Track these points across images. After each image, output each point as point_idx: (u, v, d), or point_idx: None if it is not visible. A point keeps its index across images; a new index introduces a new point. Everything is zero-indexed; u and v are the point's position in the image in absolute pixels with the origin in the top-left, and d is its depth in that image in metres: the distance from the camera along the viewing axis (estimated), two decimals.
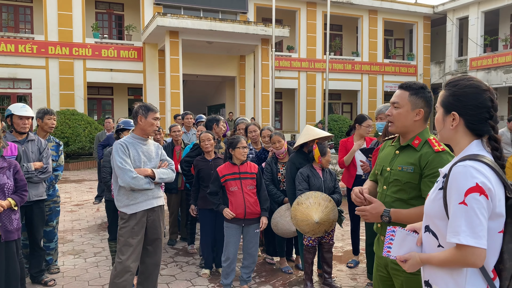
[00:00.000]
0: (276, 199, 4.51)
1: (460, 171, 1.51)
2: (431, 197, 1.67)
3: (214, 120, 5.07)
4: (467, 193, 1.47)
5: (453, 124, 1.66)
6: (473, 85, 1.64)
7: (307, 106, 19.81)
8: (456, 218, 1.49)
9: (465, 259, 1.48)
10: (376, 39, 20.99)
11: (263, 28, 15.39)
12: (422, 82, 2.37)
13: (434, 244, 1.66)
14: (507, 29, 19.79)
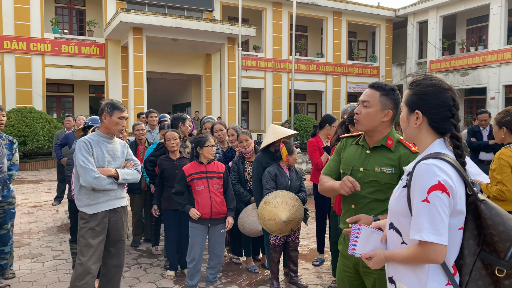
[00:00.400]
0: (243, 198, 4.48)
1: (423, 169, 1.53)
2: (396, 195, 1.69)
3: (180, 118, 4.97)
4: (430, 191, 1.49)
5: (416, 123, 1.68)
6: (435, 84, 1.67)
7: (273, 106, 19.91)
8: (419, 215, 1.51)
9: (427, 256, 1.50)
10: (340, 41, 21.37)
11: (230, 27, 15.33)
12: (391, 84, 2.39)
13: (398, 241, 1.68)
14: (463, 33, 20.63)
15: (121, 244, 3.57)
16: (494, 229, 1.50)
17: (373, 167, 2.31)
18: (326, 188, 2.46)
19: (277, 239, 4.10)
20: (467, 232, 1.56)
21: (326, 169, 2.56)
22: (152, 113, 6.76)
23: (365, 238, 1.78)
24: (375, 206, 2.28)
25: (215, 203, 3.95)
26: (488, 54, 18.10)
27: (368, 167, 2.32)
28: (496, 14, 17.69)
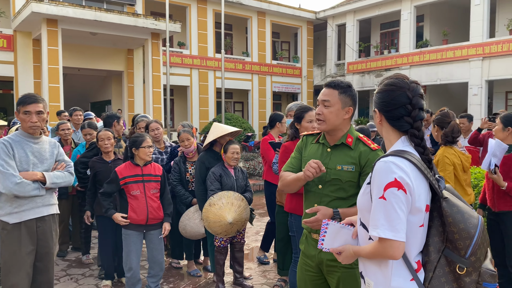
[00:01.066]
0: (184, 200, 4.30)
1: (381, 167, 1.57)
2: (361, 192, 1.73)
3: (114, 117, 4.65)
4: (386, 188, 1.52)
5: (377, 121, 1.74)
6: (392, 83, 1.70)
7: (200, 104, 19.63)
8: (375, 212, 1.55)
9: (384, 251, 1.53)
10: (265, 41, 21.67)
11: (154, 22, 14.78)
12: (346, 81, 2.39)
13: (366, 237, 1.71)
14: (377, 37, 22.02)
15: (50, 257, 3.19)
16: (455, 226, 1.54)
17: (334, 165, 2.31)
18: (289, 181, 2.41)
19: (222, 241, 3.99)
20: (433, 229, 1.60)
21: (288, 166, 2.52)
22: (77, 111, 6.25)
23: (334, 233, 1.79)
24: (338, 204, 2.29)
25: (152, 209, 3.69)
26: (400, 57, 19.51)
27: (329, 166, 2.32)
28: (406, 20, 19.12)
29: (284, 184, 2.46)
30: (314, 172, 2.17)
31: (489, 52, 16.33)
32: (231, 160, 4.03)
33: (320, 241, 1.83)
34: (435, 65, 18.21)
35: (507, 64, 15.86)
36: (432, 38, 19.38)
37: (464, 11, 18.18)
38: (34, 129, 3.01)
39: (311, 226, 2.24)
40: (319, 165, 2.17)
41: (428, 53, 18.46)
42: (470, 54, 16.91)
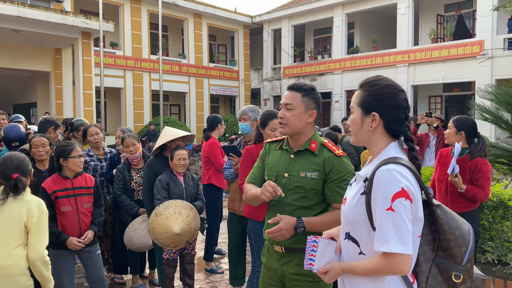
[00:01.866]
0: (130, 210, 4.04)
1: (385, 176, 1.46)
2: (352, 203, 1.60)
3: (52, 122, 4.24)
4: (394, 198, 1.43)
5: (372, 125, 1.60)
6: (392, 85, 1.62)
7: (135, 107, 18.90)
8: (384, 225, 1.43)
9: (393, 267, 1.43)
10: (201, 43, 21.42)
11: (84, 20, 13.98)
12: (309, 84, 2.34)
13: (355, 251, 1.60)
14: (311, 42, 22.67)
15: None
16: (450, 234, 1.50)
17: (297, 172, 2.23)
18: (250, 197, 2.32)
19: (172, 253, 3.79)
20: (422, 238, 1.53)
21: (250, 176, 2.43)
22: (1, 114, 5.66)
23: (322, 250, 1.65)
24: (301, 213, 2.20)
25: (85, 226, 3.37)
26: (333, 62, 20.23)
27: (292, 172, 2.24)
28: (338, 27, 19.88)
29: (246, 198, 2.39)
30: (270, 196, 2.07)
31: (414, 59, 17.45)
32: (177, 167, 3.83)
33: (308, 261, 1.65)
34: (365, 71, 19.07)
35: (430, 71, 17.04)
36: (362, 44, 20.32)
37: (391, 20, 19.29)
38: None
39: (274, 237, 2.14)
40: (275, 189, 2.06)
41: (359, 59, 19.33)
42: (397, 61, 17.95)
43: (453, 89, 18.61)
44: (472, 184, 3.49)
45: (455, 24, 17.61)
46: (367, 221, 1.53)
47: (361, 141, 1.67)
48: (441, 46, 16.84)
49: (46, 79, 16.78)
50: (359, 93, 1.65)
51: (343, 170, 2.19)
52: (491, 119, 4.89)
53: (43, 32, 13.61)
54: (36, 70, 15.97)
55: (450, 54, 16.44)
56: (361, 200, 1.55)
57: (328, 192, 2.20)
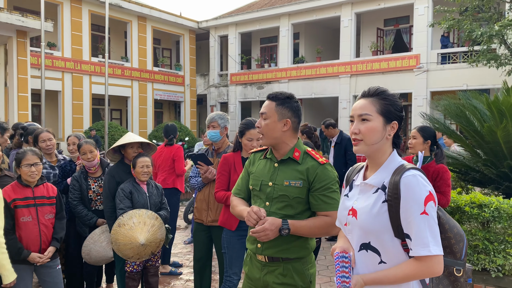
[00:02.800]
0: (87, 221, 3.76)
1: (413, 181, 1.49)
2: (373, 211, 1.56)
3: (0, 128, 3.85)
4: (426, 202, 1.47)
5: (390, 134, 1.62)
6: (398, 96, 1.68)
7: (73, 111, 17.93)
8: (421, 229, 1.46)
9: (431, 269, 1.46)
10: (146, 46, 20.87)
11: (20, 18, 13.06)
12: (288, 92, 2.31)
13: (374, 261, 1.58)
14: (258, 50, 22.92)
15: None
16: (451, 232, 1.60)
17: (281, 181, 2.19)
18: (236, 213, 2.32)
19: (135, 265, 3.58)
20: None
21: (236, 188, 2.40)
22: None
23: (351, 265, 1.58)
24: None
25: (45, 238, 3.14)
26: (279, 71, 20.57)
27: (276, 181, 2.20)
28: (284, 36, 20.27)
29: (233, 212, 2.38)
30: (254, 223, 2.07)
31: (356, 70, 18.20)
32: (140, 175, 3.64)
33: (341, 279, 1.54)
34: (310, 80, 19.61)
35: (371, 82, 17.84)
36: (307, 55, 20.88)
37: (335, 32, 20.02)
38: None
39: (257, 236, 2.07)
40: (259, 215, 2.06)
41: (304, 68, 19.82)
42: (340, 71, 18.63)
43: None
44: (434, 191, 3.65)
45: (393, 38, 18.64)
46: (389, 228, 1.53)
47: (373, 150, 1.62)
48: (380, 59, 17.73)
49: None
50: (376, 101, 1.62)
51: (327, 178, 2.18)
52: (442, 129, 5.18)
53: None
54: None
55: (389, 67, 17.35)
56: (383, 208, 1.54)
57: (312, 200, 2.18)
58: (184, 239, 6.39)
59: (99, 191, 3.87)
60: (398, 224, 1.50)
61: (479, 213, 3.77)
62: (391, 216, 1.52)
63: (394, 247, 1.53)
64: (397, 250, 1.53)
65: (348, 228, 1.67)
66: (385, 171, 1.59)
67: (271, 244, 2.16)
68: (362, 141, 1.61)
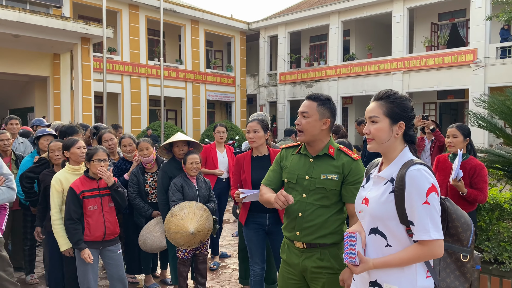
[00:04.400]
0: (144, 213, 4.18)
1: (417, 175, 1.69)
2: (381, 200, 1.78)
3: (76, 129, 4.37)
4: (428, 193, 1.66)
5: (398, 133, 1.82)
6: (408, 98, 1.87)
7: (132, 112, 19.01)
8: (422, 217, 1.66)
9: (432, 252, 1.67)
10: (198, 49, 21.61)
11: (84, 26, 14.10)
12: (326, 94, 2.53)
13: (382, 244, 1.80)
14: (307, 49, 22.97)
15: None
16: (458, 221, 1.77)
17: (318, 174, 2.41)
18: (264, 200, 2.53)
19: (186, 252, 3.94)
20: None
21: (267, 179, 2.62)
22: (12, 119, 5.79)
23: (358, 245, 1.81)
24: (321, 212, 2.39)
25: (109, 224, 3.55)
26: (329, 69, 20.51)
27: (313, 175, 2.42)
28: (334, 34, 20.18)
29: (261, 200, 2.58)
30: (282, 205, 2.25)
31: (408, 67, 17.77)
32: (190, 170, 4.00)
33: (349, 255, 1.77)
34: (360, 77, 19.39)
35: (424, 78, 17.37)
36: (358, 52, 20.64)
37: (386, 28, 19.63)
38: None
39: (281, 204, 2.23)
40: (287, 198, 2.23)
41: (355, 65, 19.63)
42: (392, 68, 18.26)
43: (447, 96, 18.96)
44: (471, 187, 3.69)
45: (448, 33, 17.99)
46: (395, 216, 1.73)
47: (384, 147, 1.86)
48: (435, 54, 17.19)
49: (44, 83, 16.84)
50: (383, 104, 1.84)
51: (359, 173, 2.42)
52: (487, 126, 5.10)
53: (43, 37, 13.71)
54: (34, 74, 16.04)
55: (444, 62, 16.78)
56: (390, 198, 1.76)
57: (344, 192, 2.41)
58: (232, 232, 6.74)
59: (154, 185, 4.27)
60: (403, 212, 1.71)
61: None
62: (397, 205, 1.72)
63: (399, 233, 1.74)
64: (402, 235, 1.74)
65: (361, 215, 1.89)
66: (395, 166, 1.80)
67: (309, 232, 2.39)
68: (373, 140, 1.84)
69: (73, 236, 3.43)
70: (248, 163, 3.56)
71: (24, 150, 5.56)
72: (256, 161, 3.56)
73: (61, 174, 3.67)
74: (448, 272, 1.76)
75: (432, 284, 1.75)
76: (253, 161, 3.57)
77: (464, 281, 1.78)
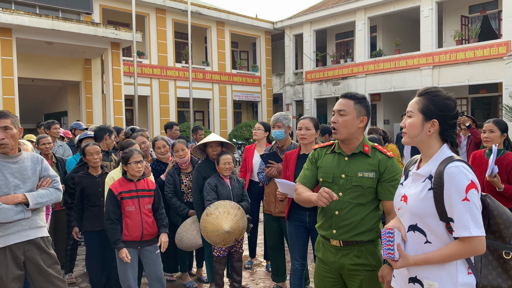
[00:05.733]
0: (180, 212, 4.29)
1: (455, 172, 1.69)
2: (419, 197, 1.79)
3: (106, 130, 4.54)
4: (467, 190, 1.66)
5: (430, 130, 1.82)
6: (450, 97, 1.85)
7: (161, 114, 19.37)
8: (462, 214, 1.66)
9: (474, 249, 1.66)
10: (224, 50, 21.78)
11: (114, 31, 14.49)
12: (361, 93, 2.54)
13: (421, 241, 1.80)
14: (333, 46, 22.78)
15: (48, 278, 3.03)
16: (500, 218, 1.75)
17: (355, 173, 2.42)
18: (303, 199, 2.51)
19: (221, 251, 4.02)
20: None
21: (303, 178, 2.62)
22: (55, 124, 6.05)
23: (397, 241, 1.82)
24: (358, 210, 2.40)
25: (147, 225, 3.64)
26: (356, 66, 20.28)
27: (349, 173, 2.43)
28: (361, 30, 19.94)
29: (297, 199, 2.58)
30: (326, 202, 2.24)
31: (438, 61, 17.37)
32: (223, 170, 4.07)
33: (387, 251, 1.80)
34: (389, 74, 19.08)
35: (455, 73, 16.94)
36: (385, 48, 20.32)
37: (414, 23, 19.25)
38: (2, 147, 2.83)
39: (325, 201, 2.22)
40: (331, 195, 2.23)
41: (382, 62, 19.33)
42: (421, 63, 17.89)
43: (479, 90, 18.42)
44: (509, 183, 3.61)
45: (480, 25, 17.47)
46: (435, 213, 1.74)
47: (416, 143, 1.88)
48: (466, 48, 16.74)
49: (77, 88, 17.38)
50: (420, 100, 1.86)
51: (395, 170, 2.42)
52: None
53: (75, 44, 14.17)
54: (66, 80, 16.59)
55: (475, 56, 16.32)
56: (429, 195, 1.76)
57: (380, 189, 2.41)
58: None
59: (190, 185, 4.37)
60: (442, 209, 1.71)
61: None
62: (436, 202, 1.73)
63: (439, 229, 1.74)
64: (441, 232, 1.74)
65: (400, 212, 1.90)
66: (434, 163, 1.80)
67: (346, 230, 2.40)
68: (406, 134, 1.87)
69: (112, 235, 3.56)
70: (294, 161, 3.58)
71: (63, 153, 5.79)
72: (303, 159, 3.52)
73: (115, 173, 3.82)
74: (490, 269, 1.74)
75: (473, 281, 1.74)
76: (299, 159, 3.59)
77: (507, 278, 1.76)
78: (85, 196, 4.07)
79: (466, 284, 1.72)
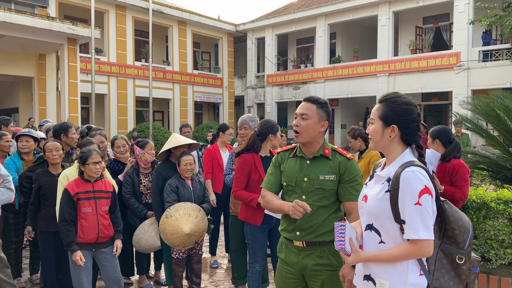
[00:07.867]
0: (139, 213, 4.20)
1: (411, 176, 1.75)
2: (377, 198, 1.86)
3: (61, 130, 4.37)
4: (420, 195, 1.72)
5: (391, 135, 1.88)
6: (408, 102, 1.91)
7: (118, 113, 18.88)
8: (413, 217, 1.73)
9: (421, 251, 1.73)
10: (186, 50, 21.58)
11: (71, 27, 13.98)
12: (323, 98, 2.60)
13: (375, 240, 1.88)
14: (294, 51, 23.15)
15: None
16: (456, 224, 1.82)
17: (316, 176, 2.47)
18: (273, 208, 2.52)
19: (181, 253, 3.98)
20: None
21: (267, 183, 2.61)
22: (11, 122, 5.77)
23: (348, 233, 1.89)
24: (321, 212, 2.45)
25: (103, 227, 3.54)
26: (315, 71, 20.71)
27: (311, 177, 2.47)
28: (321, 37, 20.38)
29: (266, 207, 2.58)
30: (300, 215, 2.28)
31: (394, 69, 18.06)
32: (185, 171, 4.03)
33: (339, 242, 1.87)
34: (347, 80, 19.63)
35: (409, 80, 17.68)
36: (344, 54, 20.89)
37: (372, 31, 19.92)
38: None
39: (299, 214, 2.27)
40: (305, 208, 2.26)
41: (341, 68, 19.86)
42: (378, 70, 18.54)
43: (431, 98, 19.32)
44: (452, 186, 3.84)
45: (433, 36, 18.35)
46: (390, 215, 1.81)
47: (380, 148, 1.96)
48: (419, 57, 17.51)
49: (29, 84, 16.63)
50: (379, 107, 1.93)
51: (354, 171, 2.49)
52: (472, 127, 5.28)
53: (28, 38, 13.55)
54: (18, 75, 15.83)
55: (428, 65, 17.12)
56: (386, 197, 1.83)
57: (340, 191, 2.47)
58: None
59: (149, 186, 4.30)
60: (397, 211, 1.78)
61: (505, 209, 3.90)
62: (391, 204, 1.80)
63: (393, 230, 1.81)
64: (395, 233, 1.81)
65: (361, 211, 1.98)
66: (394, 166, 1.87)
67: (309, 231, 2.44)
68: (371, 140, 1.95)
69: (66, 237, 3.43)
70: (259, 163, 3.56)
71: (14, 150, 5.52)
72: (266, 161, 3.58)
73: (70, 171, 3.67)
74: (443, 272, 1.81)
75: (424, 282, 1.80)
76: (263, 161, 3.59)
77: (458, 282, 1.82)
78: (42, 194, 3.90)
79: (416, 284, 1.79)
